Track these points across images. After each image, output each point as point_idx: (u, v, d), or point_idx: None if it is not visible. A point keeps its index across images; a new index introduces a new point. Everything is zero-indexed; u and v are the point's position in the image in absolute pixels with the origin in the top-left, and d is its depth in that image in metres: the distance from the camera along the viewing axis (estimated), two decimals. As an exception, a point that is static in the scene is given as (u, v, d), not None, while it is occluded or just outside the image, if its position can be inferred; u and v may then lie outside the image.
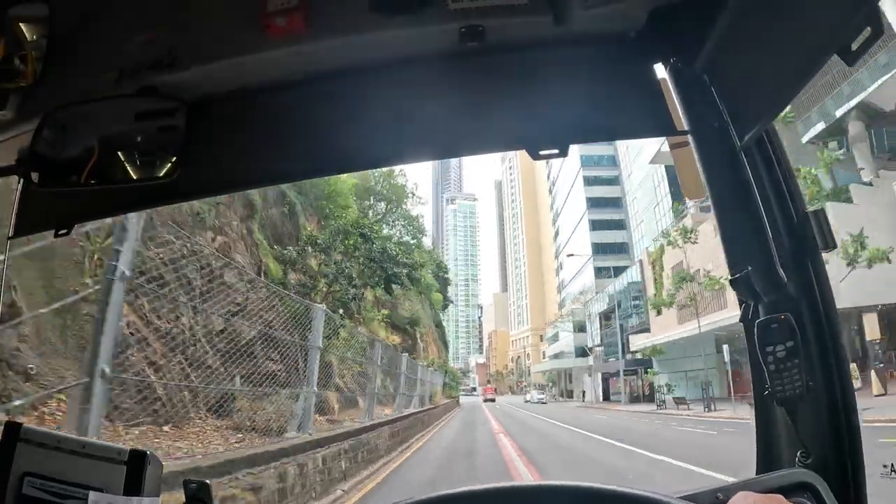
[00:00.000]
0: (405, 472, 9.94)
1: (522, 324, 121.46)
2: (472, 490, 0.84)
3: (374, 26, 1.00)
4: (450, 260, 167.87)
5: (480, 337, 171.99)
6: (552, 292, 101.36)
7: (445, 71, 1.10)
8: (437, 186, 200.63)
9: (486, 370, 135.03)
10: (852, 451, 0.94)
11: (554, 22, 0.99)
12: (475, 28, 1.00)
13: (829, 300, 0.97)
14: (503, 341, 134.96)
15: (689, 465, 9.52)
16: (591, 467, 10.44)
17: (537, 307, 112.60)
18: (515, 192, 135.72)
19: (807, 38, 0.76)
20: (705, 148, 1.06)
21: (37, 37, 1.08)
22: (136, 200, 1.25)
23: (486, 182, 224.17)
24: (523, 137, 1.09)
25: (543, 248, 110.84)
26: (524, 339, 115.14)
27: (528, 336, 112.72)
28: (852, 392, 0.97)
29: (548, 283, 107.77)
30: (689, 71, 1.04)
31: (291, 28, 0.99)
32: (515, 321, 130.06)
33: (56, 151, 1.05)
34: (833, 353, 0.96)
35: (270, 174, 1.31)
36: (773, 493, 0.77)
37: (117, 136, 1.07)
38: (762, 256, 0.99)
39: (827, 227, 0.95)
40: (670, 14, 1.00)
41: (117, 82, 1.07)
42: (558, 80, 1.09)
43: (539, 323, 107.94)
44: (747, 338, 1.03)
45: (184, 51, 1.05)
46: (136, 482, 0.88)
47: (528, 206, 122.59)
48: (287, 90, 1.14)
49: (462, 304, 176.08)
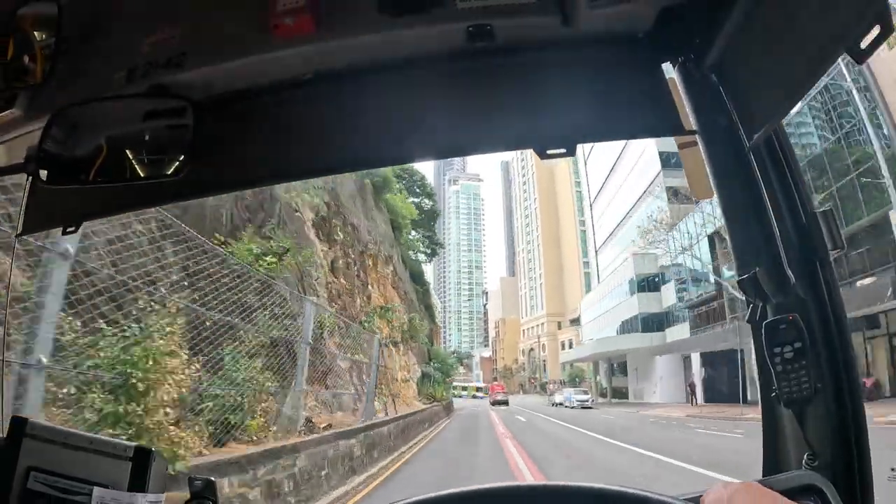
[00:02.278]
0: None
1: (536, 309, 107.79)
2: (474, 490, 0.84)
3: (383, 26, 1.00)
4: (451, 245, 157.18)
5: (486, 328, 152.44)
6: (574, 270, 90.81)
7: (453, 70, 1.10)
8: (440, 167, 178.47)
9: (491, 365, 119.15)
10: (860, 454, 0.93)
11: (562, 22, 0.99)
12: (483, 27, 1.00)
13: (837, 301, 0.97)
14: (512, 331, 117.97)
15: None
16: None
17: (554, 291, 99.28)
18: (527, 167, 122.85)
19: (816, 36, 0.76)
20: (714, 148, 1.06)
21: (46, 36, 1.09)
22: (143, 198, 1.26)
23: (492, 163, 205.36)
24: (530, 137, 1.09)
25: (563, 224, 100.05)
26: (538, 328, 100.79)
27: (543, 323, 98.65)
28: (860, 394, 0.97)
29: (568, 263, 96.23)
30: (698, 71, 1.04)
31: (300, 28, 1.00)
32: (527, 307, 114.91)
33: (64, 150, 1.06)
34: (841, 354, 0.95)
35: (278, 173, 1.32)
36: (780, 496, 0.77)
37: (125, 134, 1.07)
38: (770, 257, 0.98)
39: (836, 227, 0.95)
40: (679, 14, 1.00)
41: (126, 81, 1.08)
42: (566, 79, 1.09)
43: (557, 307, 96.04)
44: (754, 339, 1.03)
45: (193, 51, 1.06)
46: (140, 478, 0.88)
47: (543, 180, 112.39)
48: (295, 90, 1.14)
49: (466, 294, 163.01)
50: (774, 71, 0.89)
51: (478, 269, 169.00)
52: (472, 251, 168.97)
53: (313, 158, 1.20)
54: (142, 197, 1.23)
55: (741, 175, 1.02)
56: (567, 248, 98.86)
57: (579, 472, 10.33)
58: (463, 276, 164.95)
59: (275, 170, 1.23)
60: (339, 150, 1.16)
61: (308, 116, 1.16)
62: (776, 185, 1.00)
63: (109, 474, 0.86)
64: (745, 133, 0.99)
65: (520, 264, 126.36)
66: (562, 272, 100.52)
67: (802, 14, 0.79)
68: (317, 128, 1.16)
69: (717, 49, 0.98)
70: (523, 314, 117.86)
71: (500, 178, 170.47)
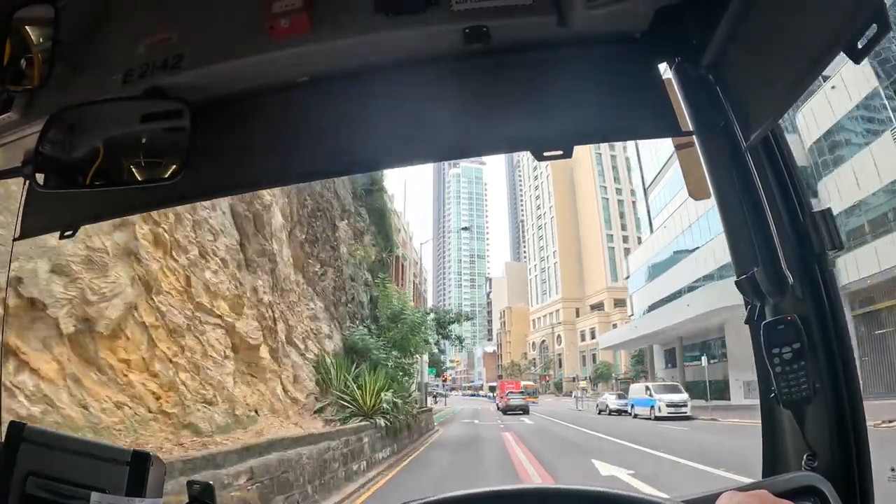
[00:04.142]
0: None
1: (549, 294, 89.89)
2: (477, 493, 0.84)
3: (379, 27, 1.00)
4: (452, 233, 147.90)
5: (489, 319, 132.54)
6: (595, 249, 75.79)
7: (449, 72, 1.10)
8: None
9: (495, 361, 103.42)
10: (859, 455, 0.93)
11: (558, 22, 0.99)
12: (479, 29, 1.00)
13: (835, 301, 0.96)
14: (520, 321, 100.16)
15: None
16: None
17: (571, 274, 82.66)
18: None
19: (813, 36, 0.76)
20: (711, 148, 1.06)
21: (42, 39, 1.09)
22: (140, 202, 1.26)
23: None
24: (527, 138, 1.09)
25: (582, 194, 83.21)
26: (551, 317, 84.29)
27: (558, 310, 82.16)
28: (860, 395, 0.97)
29: (588, 240, 79.79)
30: (695, 71, 1.04)
31: (296, 29, 0.99)
32: (538, 293, 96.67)
33: (61, 153, 1.05)
34: (840, 354, 0.95)
35: (275, 176, 1.32)
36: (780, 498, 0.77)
37: (122, 137, 1.07)
38: (768, 257, 0.98)
39: (834, 227, 0.95)
40: (675, 14, 1.00)
41: (122, 84, 1.08)
42: (562, 80, 1.09)
43: (574, 291, 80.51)
44: (753, 339, 1.02)
45: (189, 53, 1.06)
46: (138, 483, 0.88)
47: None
48: (292, 91, 1.14)
49: (467, 286, 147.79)
50: (771, 71, 0.89)
51: (480, 259, 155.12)
52: (473, 239, 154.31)
53: (310, 161, 1.20)
54: (139, 201, 1.23)
55: (738, 175, 1.02)
56: (586, 222, 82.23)
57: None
58: (464, 266, 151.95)
59: (272, 173, 1.23)
60: (336, 153, 1.16)
61: (304, 119, 1.16)
62: (774, 185, 1.00)
63: (107, 479, 0.86)
64: (742, 133, 0.98)
65: (529, 244, 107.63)
66: (579, 251, 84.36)
67: (799, 14, 0.79)
68: (313, 130, 1.16)
69: (714, 49, 0.98)
70: (533, 302, 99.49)
71: (503, 159, 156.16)
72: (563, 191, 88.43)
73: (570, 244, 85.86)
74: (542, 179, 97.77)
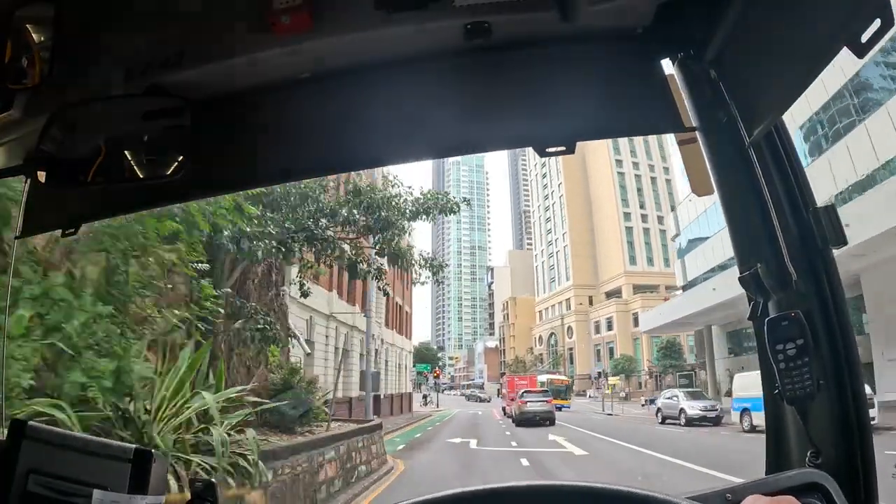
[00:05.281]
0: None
1: (557, 282, 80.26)
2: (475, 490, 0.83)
3: (379, 23, 1.00)
4: (451, 224, 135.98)
5: (491, 311, 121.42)
6: (610, 230, 67.85)
7: (451, 68, 1.10)
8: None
9: (498, 357, 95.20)
10: (863, 452, 0.93)
11: (560, 17, 0.99)
12: (480, 24, 1.00)
13: (839, 297, 0.96)
14: (525, 313, 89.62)
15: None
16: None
17: (583, 259, 73.74)
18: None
19: (816, 30, 0.75)
20: (714, 144, 1.05)
21: (43, 37, 1.09)
22: (142, 199, 1.26)
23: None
24: (529, 135, 1.09)
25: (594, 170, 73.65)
26: (560, 306, 75.21)
27: (568, 299, 73.48)
28: (863, 391, 0.96)
29: (603, 221, 71.23)
30: (698, 66, 1.04)
31: (297, 26, 0.99)
32: (545, 282, 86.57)
33: (63, 151, 1.05)
34: (844, 351, 0.95)
35: (277, 173, 1.32)
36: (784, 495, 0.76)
37: (124, 135, 1.07)
38: (772, 253, 0.98)
39: (837, 222, 0.94)
40: (678, 9, 1.00)
41: (124, 82, 1.08)
42: (564, 76, 1.08)
43: (587, 278, 72.08)
44: (756, 336, 1.02)
45: (190, 50, 1.06)
46: (140, 480, 0.88)
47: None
48: (293, 88, 1.14)
49: (467, 280, 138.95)
50: (774, 66, 0.88)
51: (481, 251, 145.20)
52: (474, 230, 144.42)
53: (311, 158, 1.20)
54: (141, 198, 1.23)
55: (742, 171, 1.02)
56: (600, 201, 73.30)
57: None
58: (464, 258, 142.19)
59: (274, 170, 1.23)
60: (338, 149, 1.16)
61: (305, 116, 1.16)
62: (777, 181, 0.99)
63: (109, 476, 0.86)
64: (745, 128, 0.98)
65: (535, 227, 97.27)
66: (592, 233, 75.02)
67: (802, 8, 0.78)
68: (314, 127, 1.16)
69: (717, 44, 0.97)
70: (539, 291, 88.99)
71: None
72: (572, 166, 77.43)
73: (581, 225, 76.45)
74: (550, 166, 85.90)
